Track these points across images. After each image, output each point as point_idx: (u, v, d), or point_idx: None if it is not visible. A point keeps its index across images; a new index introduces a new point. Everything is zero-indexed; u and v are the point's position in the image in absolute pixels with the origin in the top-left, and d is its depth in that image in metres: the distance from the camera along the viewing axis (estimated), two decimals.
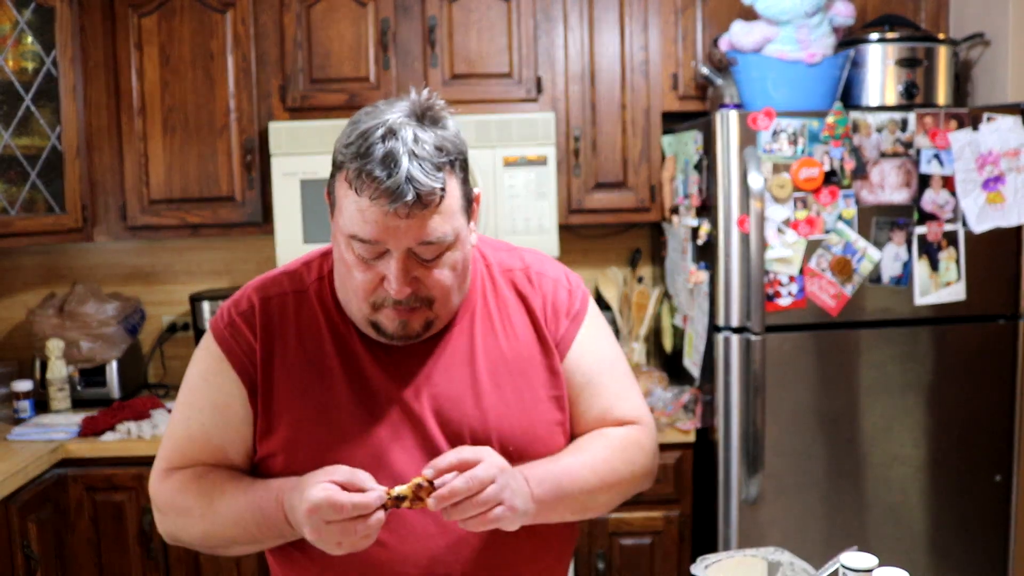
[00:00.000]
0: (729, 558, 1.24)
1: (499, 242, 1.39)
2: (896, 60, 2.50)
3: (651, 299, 2.88)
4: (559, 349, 1.31)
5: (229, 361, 1.25)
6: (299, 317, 1.26)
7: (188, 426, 1.27)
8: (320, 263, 1.31)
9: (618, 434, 1.32)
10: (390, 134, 1.10)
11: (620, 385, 1.35)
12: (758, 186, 2.27)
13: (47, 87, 2.61)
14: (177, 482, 1.25)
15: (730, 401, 2.39)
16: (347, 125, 1.16)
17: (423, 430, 1.23)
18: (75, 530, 2.49)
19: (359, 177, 1.10)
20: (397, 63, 2.73)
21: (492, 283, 1.32)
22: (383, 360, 1.24)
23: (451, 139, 1.15)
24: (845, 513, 2.42)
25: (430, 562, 1.20)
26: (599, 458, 1.27)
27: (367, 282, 1.16)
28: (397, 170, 1.08)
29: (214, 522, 1.21)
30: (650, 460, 1.34)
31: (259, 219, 2.76)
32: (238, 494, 1.20)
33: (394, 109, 1.14)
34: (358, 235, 1.12)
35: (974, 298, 2.42)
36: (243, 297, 1.29)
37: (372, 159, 1.09)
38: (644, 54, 2.76)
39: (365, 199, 1.10)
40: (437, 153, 1.11)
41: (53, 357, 2.74)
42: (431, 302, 1.19)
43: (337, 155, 1.15)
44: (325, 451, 1.20)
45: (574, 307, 1.33)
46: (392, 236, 1.11)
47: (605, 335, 1.38)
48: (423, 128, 1.12)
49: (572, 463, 1.25)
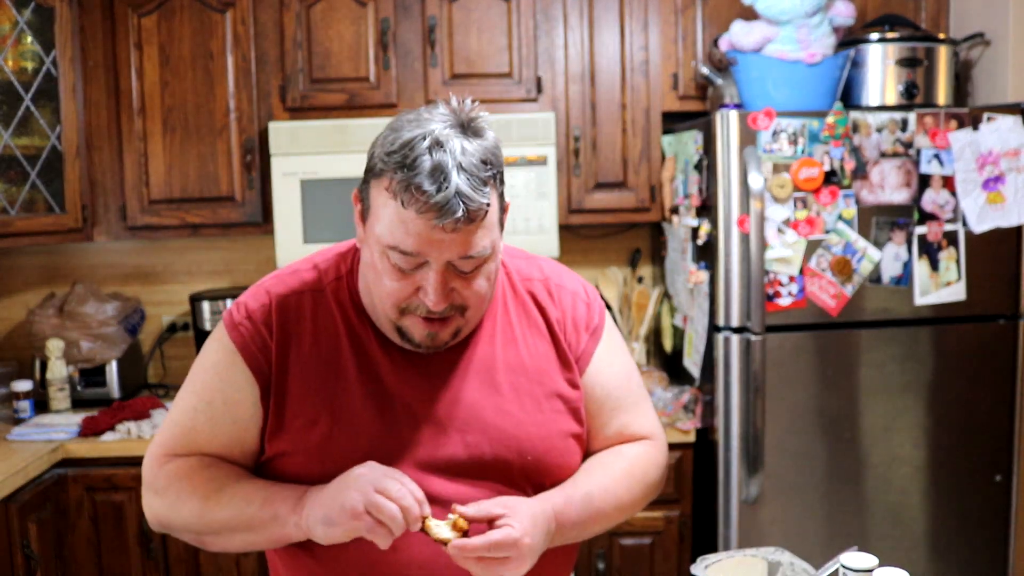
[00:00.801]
0: (729, 558, 1.24)
1: (514, 248, 1.39)
2: (896, 60, 2.50)
3: (651, 299, 2.88)
4: (579, 364, 1.31)
5: (243, 357, 1.23)
6: (316, 317, 1.25)
7: (194, 416, 1.25)
8: (338, 263, 1.29)
9: (636, 453, 1.33)
10: (437, 145, 1.07)
11: (636, 401, 1.37)
12: (758, 186, 2.27)
13: (47, 87, 2.61)
14: (180, 468, 1.24)
15: (730, 401, 2.39)
16: (386, 131, 1.13)
17: (439, 436, 1.22)
18: (75, 530, 2.49)
19: (406, 189, 1.07)
20: (397, 63, 2.73)
21: (513, 291, 1.32)
22: (400, 364, 1.23)
23: (493, 151, 1.13)
24: (845, 513, 2.42)
25: (434, 564, 1.20)
26: (621, 485, 1.29)
27: (400, 290, 1.14)
28: (447, 184, 1.06)
29: (218, 503, 1.18)
30: (661, 475, 1.37)
31: (259, 219, 2.76)
32: (257, 483, 1.19)
33: (435, 118, 1.11)
34: (399, 247, 1.10)
35: (974, 298, 2.42)
36: (260, 293, 1.27)
37: (420, 171, 1.06)
38: (644, 54, 2.76)
39: (411, 211, 1.08)
40: (483, 167, 1.10)
41: (53, 357, 2.74)
42: (464, 310, 1.18)
43: (377, 162, 1.12)
44: (337, 454, 1.19)
45: (593, 321, 1.34)
46: (435, 249, 1.10)
47: (622, 350, 1.39)
48: (468, 139, 1.10)
49: (595, 491, 1.26)
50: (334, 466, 1.17)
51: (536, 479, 1.25)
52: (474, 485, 1.22)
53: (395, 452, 1.20)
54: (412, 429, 1.21)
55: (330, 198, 2.65)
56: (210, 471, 1.22)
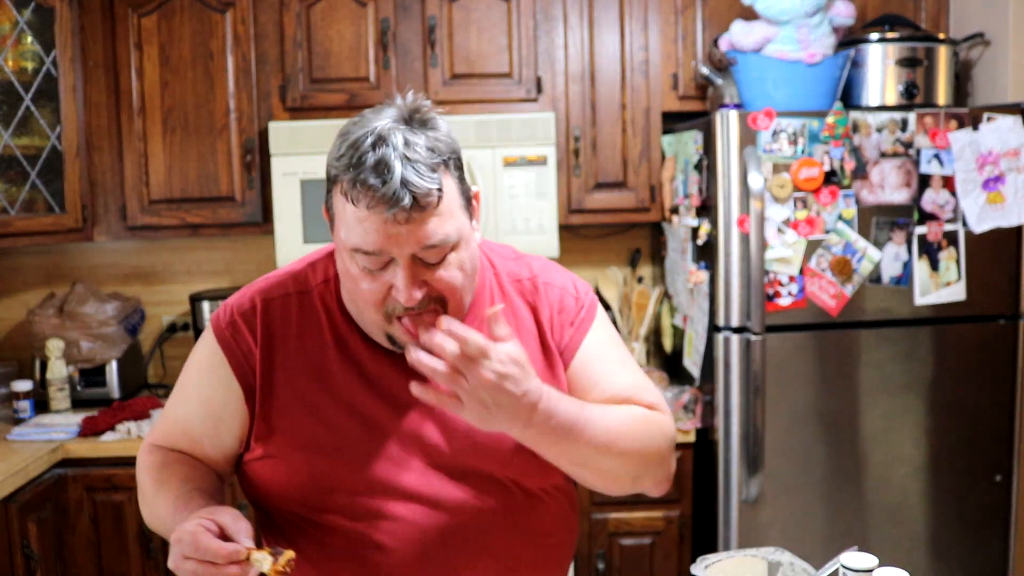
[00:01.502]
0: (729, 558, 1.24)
1: (506, 248, 1.38)
2: (896, 60, 2.50)
3: (651, 299, 2.88)
4: (563, 356, 1.29)
5: (228, 361, 1.24)
6: (301, 320, 1.25)
7: (176, 412, 1.30)
8: (326, 264, 1.29)
9: (640, 409, 1.26)
10: (380, 141, 1.08)
11: (634, 375, 1.31)
12: (758, 186, 2.27)
13: (47, 87, 2.61)
14: (150, 461, 1.29)
15: (730, 401, 2.39)
16: (336, 138, 1.15)
17: (425, 437, 1.22)
18: (75, 530, 2.48)
19: (354, 187, 1.08)
20: (397, 63, 2.73)
21: (502, 293, 1.31)
22: (386, 367, 1.23)
23: (443, 139, 1.13)
24: (845, 513, 2.42)
25: (426, 564, 1.20)
26: (617, 419, 1.20)
27: (375, 292, 1.14)
28: (391, 176, 1.06)
29: (153, 511, 1.23)
30: (666, 448, 1.26)
31: (259, 219, 2.76)
32: (170, 497, 1.19)
33: (382, 116, 1.12)
34: (360, 247, 1.10)
35: (974, 298, 2.42)
36: (246, 298, 1.28)
37: (364, 168, 1.07)
38: (644, 54, 2.76)
39: (363, 209, 1.08)
40: (430, 154, 1.10)
41: (53, 357, 2.74)
42: (443, 302, 1.17)
43: (331, 169, 1.14)
44: (322, 457, 1.20)
45: (580, 314, 1.32)
46: (394, 244, 1.10)
47: (614, 340, 1.35)
48: (413, 131, 1.11)
49: (592, 409, 1.18)
50: (320, 469, 1.17)
51: (522, 481, 1.25)
52: (459, 487, 1.21)
53: (381, 454, 1.20)
54: (399, 431, 1.21)
55: None
56: (161, 472, 1.25)
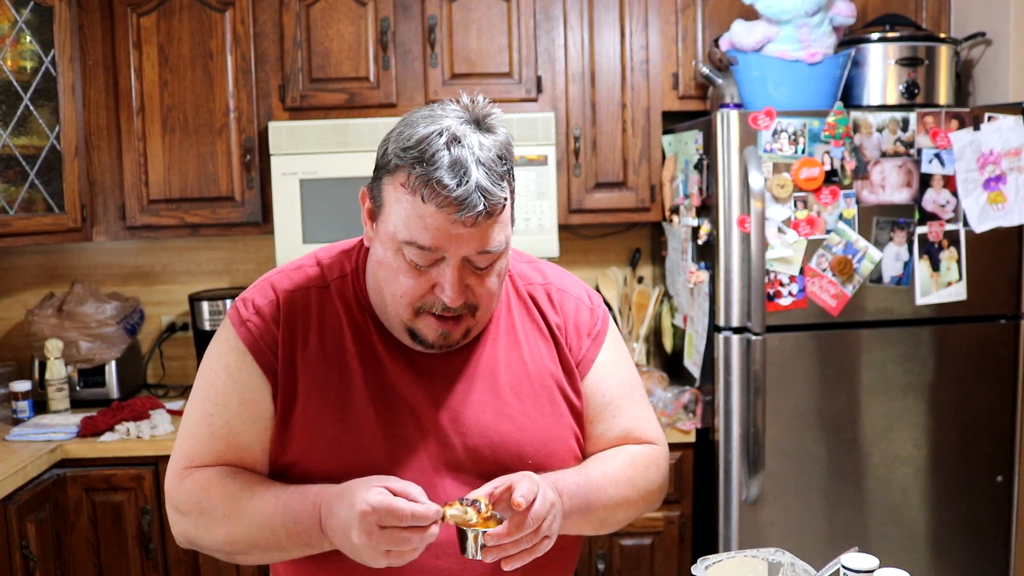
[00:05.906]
0: (729, 558, 1.23)
1: (517, 251, 1.38)
2: (897, 59, 2.50)
3: (651, 299, 2.88)
4: (579, 369, 1.30)
5: (253, 355, 1.21)
6: (321, 314, 1.23)
7: (211, 423, 1.21)
8: (342, 260, 1.28)
9: (638, 452, 1.32)
10: (455, 141, 1.08)
11: (639, 408, 1.36)
12: (758, 186, 2.26)
13: (46, 87, 2.61)
14: (199, 481, 1.19)
15: (730, 401, 2.38)
16: (399, 127, 1.13)
17: (442, 438, 1.21)
18: (74, 530, 2.48)
19: (426, 184, 1.07)
20: (397, 63, 2.73)
21: (516, 294, 1.31)
22: (404, 365, 1.22)
23: (507, 146, 1.15)
24: (846, 514, 2.42)
25: (438, 572, 1.19)
26: (623, 475, 1.27)
27: (416, 288, 1.14)
28: (467, 179, 1.06)
29: (239, 524, 1.15)
30: (664, 480, 1.36)
31: (259, 219, 2.75)
32: (269, 496, 1.15)
33: (449, 114, 1.12)
34: (416, 241, 1.10)
35: (975, 298, 2.41)
36: (265, 289, 1.25)
37: (439, 166, 1.07)
38: (644, 53, 2.76)
39: (430, 206, 1.08)
40: (499, 162, 1.11)
41: (52, 357, 2.73)
42: (475, 309, 1.18)
43: (392, 158, 1.12)
44: (340, 453, 1.18)
45: (595, 327, 1.33)
46: (453, 244, 1.10)
47: (624, 356, 1.38)
48: (483, 135, 1.11)
49: (598, 477, 1.24)
50: (339, 465, 1.16)
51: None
52: (472, 484, 1.21)
53: (398, 453, 1.20)
54: (415, 431, 1.21)
55: (330, 198, 2.64)
56: (227, 485, 1.18)
